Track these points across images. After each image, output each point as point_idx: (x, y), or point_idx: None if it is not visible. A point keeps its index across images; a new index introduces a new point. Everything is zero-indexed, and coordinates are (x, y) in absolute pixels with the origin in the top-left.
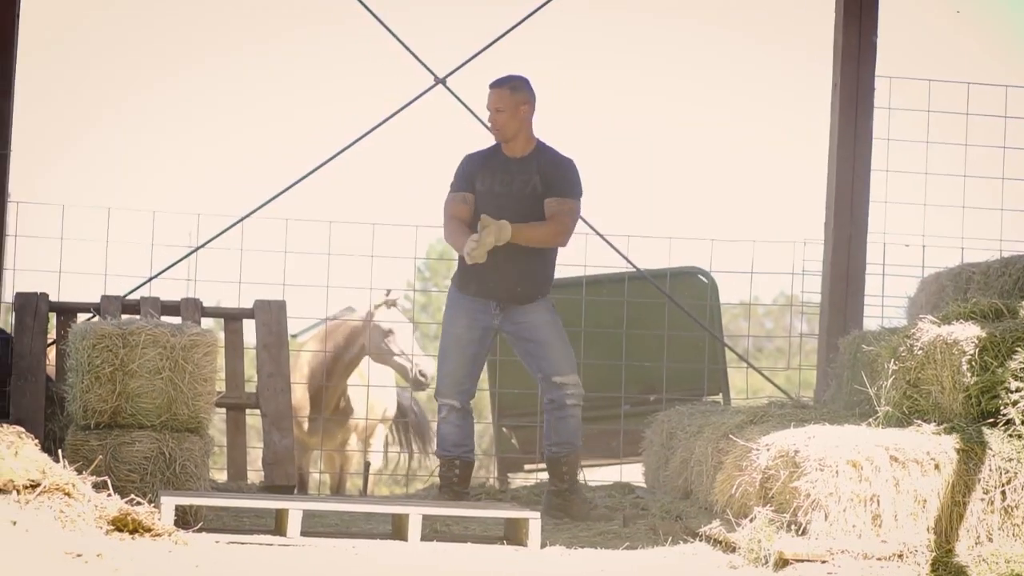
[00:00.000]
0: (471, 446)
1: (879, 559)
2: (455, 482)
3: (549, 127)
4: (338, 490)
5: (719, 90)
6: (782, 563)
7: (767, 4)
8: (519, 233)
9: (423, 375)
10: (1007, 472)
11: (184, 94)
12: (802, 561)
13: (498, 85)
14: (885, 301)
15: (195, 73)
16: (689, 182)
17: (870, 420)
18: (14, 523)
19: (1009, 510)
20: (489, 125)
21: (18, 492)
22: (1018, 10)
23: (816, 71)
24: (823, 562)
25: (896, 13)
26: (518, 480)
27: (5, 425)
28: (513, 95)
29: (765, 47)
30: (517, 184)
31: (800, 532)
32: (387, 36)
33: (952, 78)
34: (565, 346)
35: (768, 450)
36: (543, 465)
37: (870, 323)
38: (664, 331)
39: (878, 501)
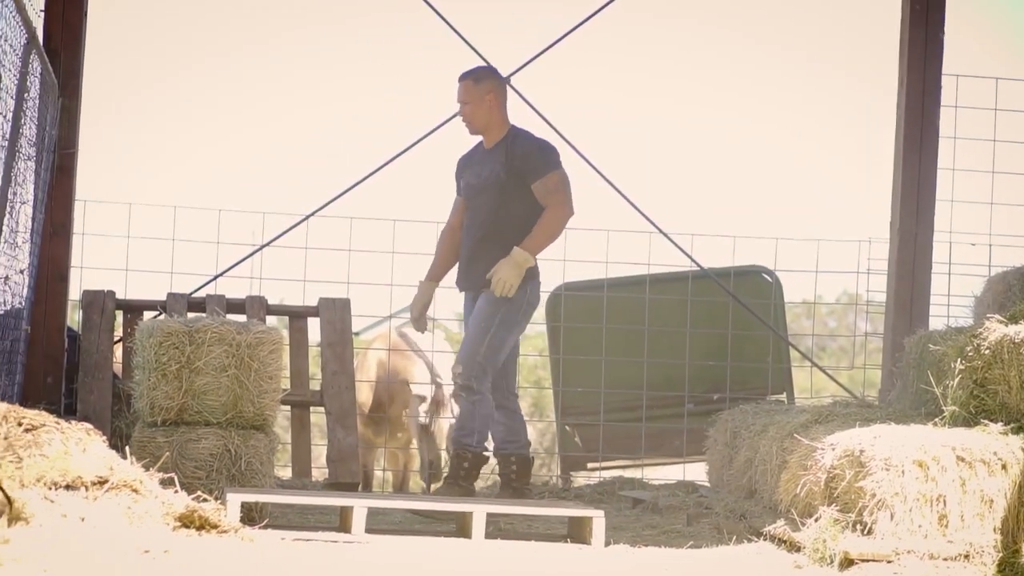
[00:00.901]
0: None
1: (945, 559)
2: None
3: (613, 124)
4: (401, 488)
5: (783, 87)
6: (847, 563)
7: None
8: (534, 244)
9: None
10: None
11: (248, 91)
12: (868, 561)
13: (462, 78)
14: (951, 300)
15: (257, 70)
16: (753, 180)
17: (936, 420)
18: (83, 519)
19: None
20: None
21: (86, 488)
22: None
23: (882, 68)
24: (889, 562)
25: (963, 10)
26: (580, 479)
27: (73, 422)
28: (476, 86)
29: (830, 43)
30: (485, 174)
31: (865, 532)
32: (451, 34)
33: (1020, 76)
34: (476, 334)
35: (833, 449)
36: (606, 463)
37: (936, 322)
38: (728, 330)
39: (944, 501)
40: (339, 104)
